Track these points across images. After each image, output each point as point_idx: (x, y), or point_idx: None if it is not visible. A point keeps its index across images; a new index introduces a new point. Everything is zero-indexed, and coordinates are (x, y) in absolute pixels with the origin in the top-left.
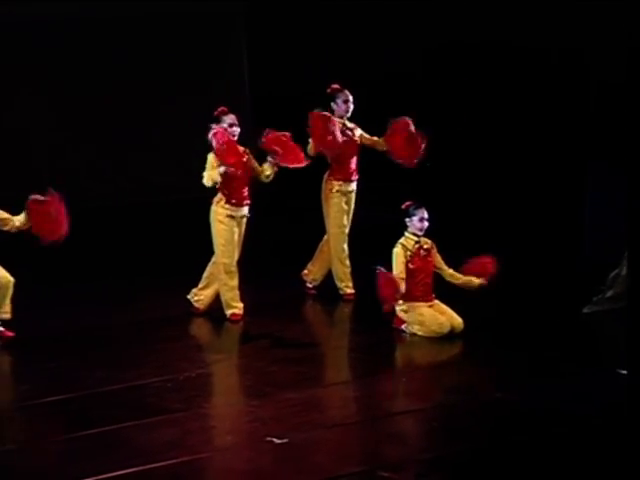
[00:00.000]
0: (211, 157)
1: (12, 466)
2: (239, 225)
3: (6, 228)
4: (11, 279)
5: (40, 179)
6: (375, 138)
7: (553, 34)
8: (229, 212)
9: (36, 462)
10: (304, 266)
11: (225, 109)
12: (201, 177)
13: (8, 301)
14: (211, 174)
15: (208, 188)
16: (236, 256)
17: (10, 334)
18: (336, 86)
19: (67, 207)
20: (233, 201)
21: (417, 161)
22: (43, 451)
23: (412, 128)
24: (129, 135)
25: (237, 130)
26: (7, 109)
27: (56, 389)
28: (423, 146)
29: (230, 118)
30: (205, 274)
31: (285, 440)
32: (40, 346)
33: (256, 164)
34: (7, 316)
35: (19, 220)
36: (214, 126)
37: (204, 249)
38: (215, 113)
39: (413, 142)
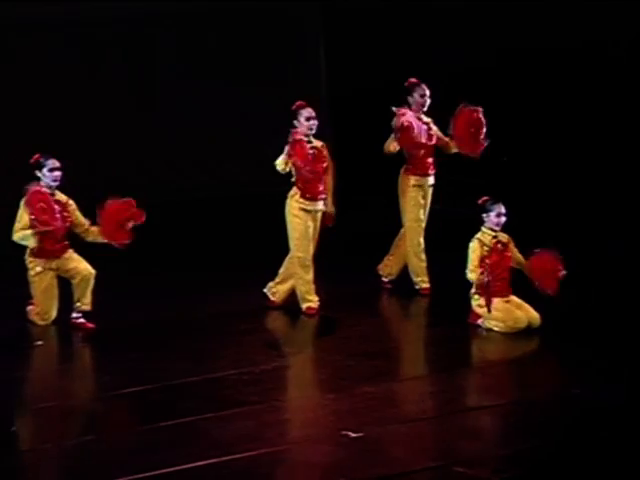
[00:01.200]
0: (287, 148)
1: (93, 456)
2: (314, 219)
3: (83, 236)
4: (92, 271)
5: (120, 174)
6: (446, 139)
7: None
8: (304, 206)
9: (115, 452)
10: (380, 260)
11: (303, 103)
12: (276, 170)
13: (89, 293)
14: (281, 161)
15: (285, 183)
16: (311, 250)
17: (91, 326)
18: (413, 80)
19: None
20: (308, 195)
21: (480, 152)
22: (122, 441)
23: (476, 116)
24: (207, 130)
25: (315, 123)
26: (87, 104)
27: (135, 380)
28: (484, 134)
29: (307, 112)
30: (282, 268)
31: (360, 434)
32: (120, 338)
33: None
34: (88, 308)
35: (93, 233)
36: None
37: (281, 243)
38: (293, 107)
39: (477, 134)
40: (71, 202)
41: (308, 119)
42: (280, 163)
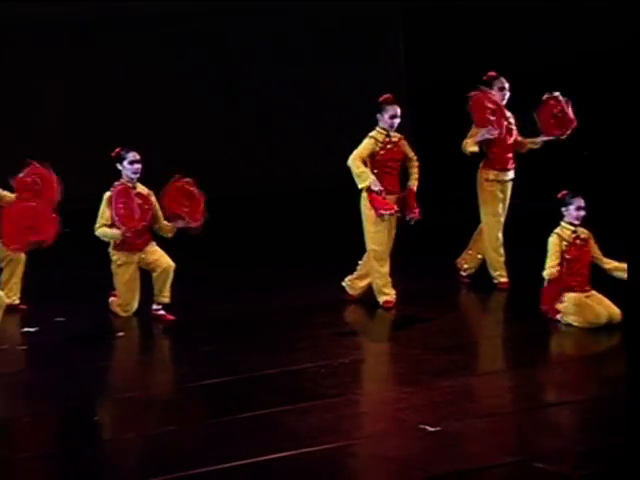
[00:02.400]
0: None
1: (173, 446)
2: (390, 220)
3: (159, 230)
4: (172, 264)
5: (197, 168)
6: (520, 138)
7: None
8: None
9: (194, 443)
10: (459, 254)
11: (390, 97)
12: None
13: (168, 286)
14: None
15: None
16: (388, 243)
17: (170, 318)
18: (492, 73)
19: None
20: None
21: (568, 133)
22: (201, 432)
23: (559, 105)
24: (286, 124)
25: (397, 122)
26: (165, 99)
27: (214, 372)
28: (572, 117)
29: (393, 109)
30: (361, 262)
31: (438, 428)
32: (199, 330)
33: None
34: (167, 300)
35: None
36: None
37: (361, 236)
38: (380, 100)
39: (564, 119)
40: (152, 194)
41: (392, 117)
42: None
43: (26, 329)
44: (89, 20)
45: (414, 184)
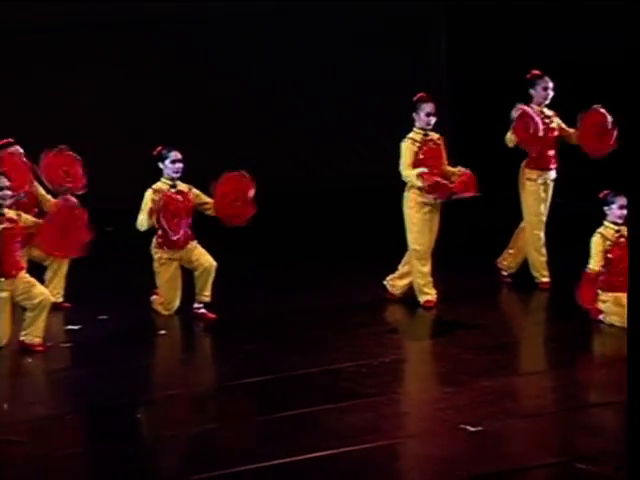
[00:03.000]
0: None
1: (214, 444)
2: (433, 212)
3: (208, 212)
4: (214, 263)
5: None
6: (571, 130)
7: None
8: (421, 199)
9: (235, 441)
10: (500, 254)
11: (424, 95)
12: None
13: (210, 284)
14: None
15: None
16: (429, 243)
17: (211, 316)
18: (536, 72)
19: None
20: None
21: (608, 152)
22: (242, 431)
23: (605, 120)
24: (329, 123)
25: (433, 120)
26: (205, 99)
27: (255, 371)
28: (614, 139)
29: (429, 107)
30: (402, 263)
31: (479, 428)
32: (240, 329)
33: None
34: (208, 299)
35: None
36: None
37: (403, 235)
38: (415, 99)
39: (604, 137)
40: (193, 189)
41: (428, 115)
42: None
43: (69, 327)
44: (131, 19)
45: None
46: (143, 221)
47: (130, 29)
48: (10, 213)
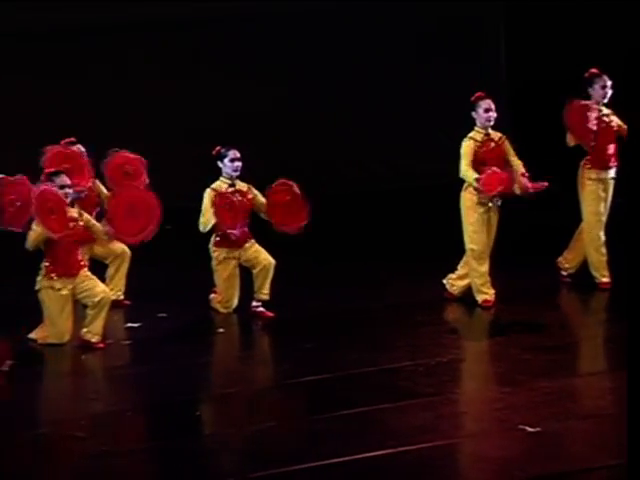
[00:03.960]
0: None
1: (272, 442)
2: (491, 212)
3: (264, 215)
4: (272, 261)
5: (298, 166)
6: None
7: None
8: (478, 198)
9: (293, 440)
10: (560, 254)
11: (482, 94)
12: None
13: (268, 283)
14: None
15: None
16: (487, 242)
17: (270, 314)
18: (595, 71)
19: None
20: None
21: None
22: (300, 429)
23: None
24: (385, 122)
25: (493, 115)
26: (264, 98)
27: (312, 369)
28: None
29: (486, 103)
30: (461, 263)
31: (538, 429)
32: (298, 327)
33: None
34: (266, 297)
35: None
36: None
37: (462, 234)
38: (472, 98)
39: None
40: (252, 189)
41: (487, 111)
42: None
43: (130, 324)
44: (191, 20)
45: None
46: (204, 222)
47: (188, 29)
48: (72, 212)
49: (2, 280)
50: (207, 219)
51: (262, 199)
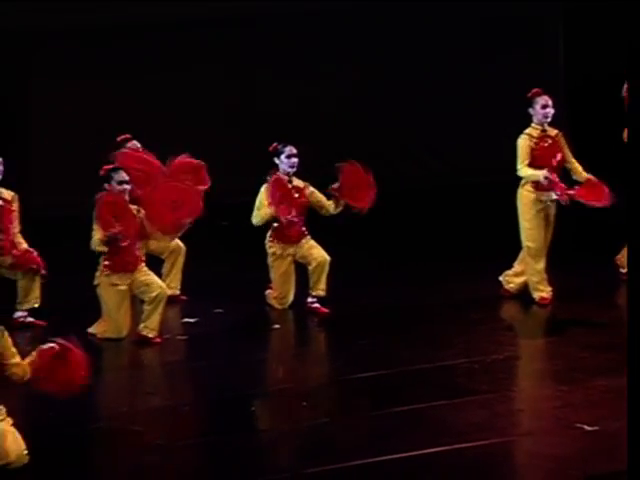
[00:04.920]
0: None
1: (327, 438)
2: (547, 209)
3: (322, 212)
4: (327, 258)
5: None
6: None
7: None
8: (535, 195)
9: (348, 436)
10: (619, 251)
11: (539, 90)
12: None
13: (324, 279)
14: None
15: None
16: (544, 240)
17: (325, 311)
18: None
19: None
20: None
21: None
22: (355, 426)
23: None
24: (445, 118)
25: (550, 112)
26: (320, 96)
27: (368, 366)
28: None
29: (543, 99)
30: (518, 260)
31: (596, 427)
32: (353, 324)
33: None
34: (322, 293)
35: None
36: None
37: (518, 231)
38: (529, 95)
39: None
40: (309, 187)
41: (544, 107)
42: None
43: (186, 320)
44: (248, 18)
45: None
46: (258, 216)
47: (245, 26)
48: (132, 208)
49: (62, 276)
50: (262, 213)
51: (319, 196)
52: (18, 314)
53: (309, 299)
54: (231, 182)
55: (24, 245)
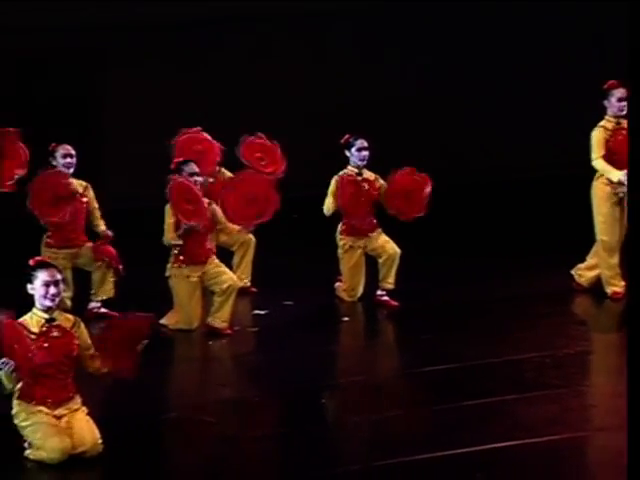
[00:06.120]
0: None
1: (396, 431)
2: (622, 202)
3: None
4: (398, 251)
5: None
6: None
7: None
8: (609, 188)
9: (415, 429)
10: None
11: (615, 82)
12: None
13: (394, 272)
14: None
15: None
16: (618, 233)
17: (395, 304)
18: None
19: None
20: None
21: None
22: (425, 419)
23: None
24: (515, 112)
25: (626, 105)
26: (391, 87)
27: (437, 359)
28: None
29: (620, 92)
30: (591, 254)
31: None
32: (422, 316)
33: None
34: (391, 286)
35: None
36: None
37: (592, 226)
38: (605, 86)
39: None
40: (379, 179)
41: (620, 100)
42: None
43: (256, 312)
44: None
45: None
46: (329, 205)
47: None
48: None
49: (134, 267)
50: (330, 203)
51: None
52: (92, 305)
53: (378, 292)
54: (301, 174)
55: (106, 229)
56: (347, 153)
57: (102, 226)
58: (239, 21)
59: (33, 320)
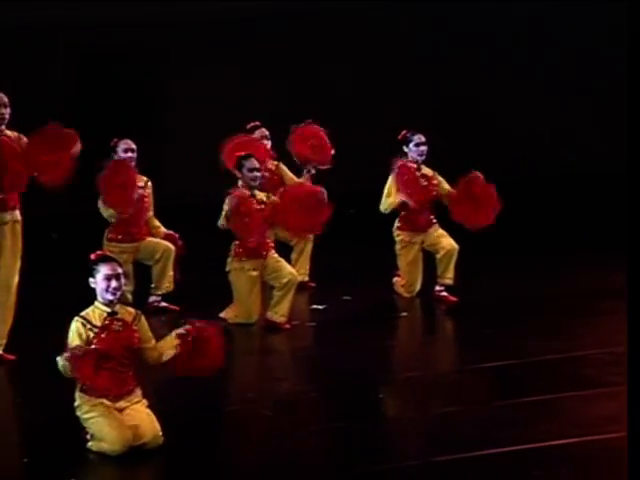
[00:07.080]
0: None
1: (455, 427)
2: None
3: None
4: (456, 246)
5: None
6: None
7: None
8: None
9: (476, 425)
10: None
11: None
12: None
13: (452, 267)
14: None
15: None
16: None
17: (453, 299)
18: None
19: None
20: None
21: None
22: (483, 415)
23: None
24: (570, 105)
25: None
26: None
27: (495, 355)
28: None
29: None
30: None
31: None
32: (480, 312)
33: None
34: (450, 282)
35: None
36: None
37: None
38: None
39: None
40: (437, 176)
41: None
42: None
43: (315, 306)
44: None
45: None
46: (387, 203)
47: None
48: (260, 195)
49: (195, 261)
50: (390, 201)
51: (447, 186)
52: (152, 298)
53: (437, 287)
54: (357, 170)
55: (162, 229)
56: (405, 149)
57: (156, 222)
58: (302, 19)
59: (95, 313)
